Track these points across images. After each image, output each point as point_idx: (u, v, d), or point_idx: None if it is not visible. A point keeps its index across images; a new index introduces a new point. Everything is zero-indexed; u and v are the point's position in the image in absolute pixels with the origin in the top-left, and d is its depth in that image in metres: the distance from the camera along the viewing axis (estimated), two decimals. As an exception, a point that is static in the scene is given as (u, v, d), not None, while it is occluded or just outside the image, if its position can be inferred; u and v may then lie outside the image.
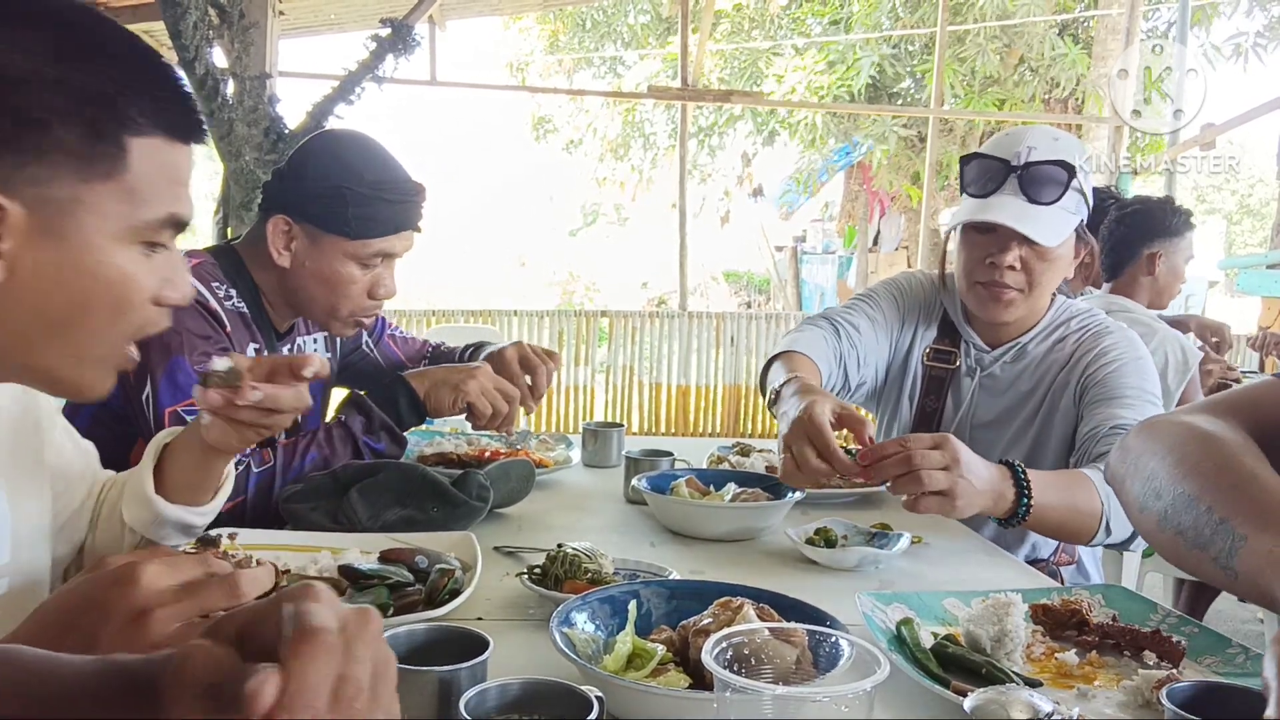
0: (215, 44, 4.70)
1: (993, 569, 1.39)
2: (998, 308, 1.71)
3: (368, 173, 1.53)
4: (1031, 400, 1.75)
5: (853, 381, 1.81)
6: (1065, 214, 1.66)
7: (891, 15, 11.77)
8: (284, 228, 1.53)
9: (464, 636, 0.86)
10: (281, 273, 1.57)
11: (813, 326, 1.81)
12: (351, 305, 1.58)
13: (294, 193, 1.52)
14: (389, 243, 1.56)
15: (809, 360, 1.69)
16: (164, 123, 0.80)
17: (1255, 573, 0.77)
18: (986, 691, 0.76)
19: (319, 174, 1.52)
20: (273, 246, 1.53)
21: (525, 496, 1.58)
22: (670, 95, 8.18)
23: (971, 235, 1.72)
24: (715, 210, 14.86)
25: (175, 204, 0.82)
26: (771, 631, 0.79)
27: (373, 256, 1.56)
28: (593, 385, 6.73)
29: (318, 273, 1.55)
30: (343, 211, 1.51)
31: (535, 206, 19.46)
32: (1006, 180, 1.66)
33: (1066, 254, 1.70)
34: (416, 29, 5.15)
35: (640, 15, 13.97)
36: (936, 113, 8.00)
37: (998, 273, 1.68)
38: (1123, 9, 7.87)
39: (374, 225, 1.53)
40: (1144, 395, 1.62)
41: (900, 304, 1.88)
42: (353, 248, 1.53)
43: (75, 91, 0.75)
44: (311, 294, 1.58)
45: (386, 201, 1.54)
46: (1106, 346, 1.70)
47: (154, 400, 1.39)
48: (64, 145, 0.74)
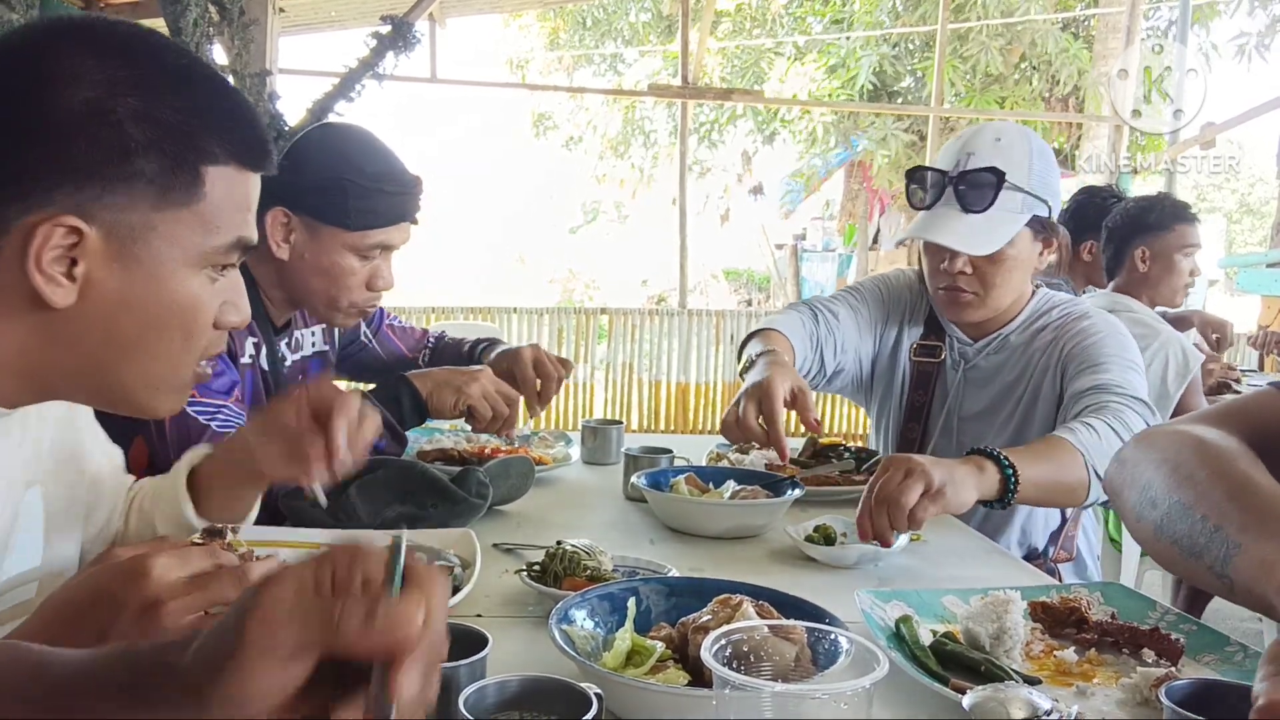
0: (215, 41, 4.70)
1: (991, 567, 1.39)
2: (956, 309, 1.78)
3: (367, 165, 1.54)
4: (1016, 390, 1.77)
5: (829, 367, 1.84)
6: (1004, 215, 1.68)
7: (892, 14, 11.77)
8: (283, 220, 1.54)
9: (463, 633, 0.86)
10: (280, 265, 1.57)
11: (794, 310, 1.87)
12: (351, 297, 1.59)
13: (292, 185, 1.52)
14: (388, 234, 1.57)
15: (784, 338, 1.73)
16: (238, 153, 0.82)
17: (1251, 580, 0.77)
18: (985, 689, 0.77)
19: (319, 166, 1.53)
20: (271, 239, 1.53)
21: (525, 493, 1.58)
22: (671, 93, 8.17)
23: (925, 244, 1.77)
24: (715, 208, 14.86)
25: (243, 228, 0.84)
26: (771, 629, 0.79)
27: (371, 248, 1.57)
28: (592, 382, 6.73)
29: (317, 264, 1.55)
30: (343, 203, 1.52)
31: (535, 204, 19.45)
32: (944, 191, 1.70)
33: (1019, 252, 1.72)
34: (417, 26, 5.15)
35: (641, 13, 13.96)
36: (937, 111, 8.00)
37: (951, 278, 1.73)
38: (1123, 8, 7.86)
39: (374, 217, 1.54)
40: (1122, 360, 1.65)
41: (885, 299, 1.93)
42: (352, 239, 1.54)
43: (158, 124, 0.77)
44: (311, 286, 1.58)
45: (386, 193, 1.55)
46: (1085, 326, 1.73)
47: None
48: (144, 174, 0.76)
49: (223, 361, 1.47)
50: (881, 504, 1.26)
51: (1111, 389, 1.56)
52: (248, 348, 1.57)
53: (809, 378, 1.80)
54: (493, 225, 19.56)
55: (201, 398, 1.38)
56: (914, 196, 1.77)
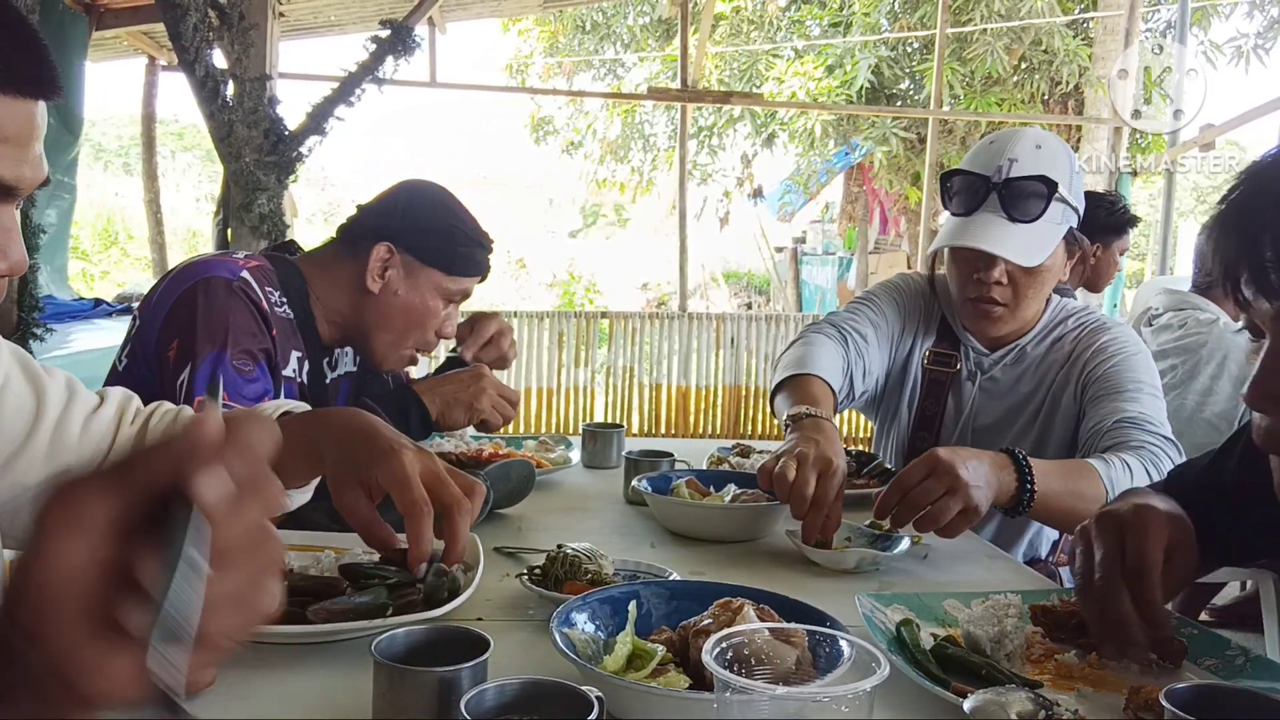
0: (215, 45, 4.71)
1: (992, 570, 1.39)
2: (986, 323, 1.74)
3: (468, 219, 1.68)
4: (1032, 402, 1.74)
5: (856, 390, 1.80)
6: (1049, 227, 1.64)
7: (890, 16, 11.78)
8: (385, 255, 1.61)
9: (464, 637, 0.86)
10: (362, 298, 1.63)
11: (823, 337, 1.79)
12: (423, 336, 1.68)
13: (403, 225, 1.62)
14: (471, 284, 1.70)
15: (824, 385, 1.67)
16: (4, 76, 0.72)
17: None
18: (986, 693, 0.77)
19: (430, 211, 1.65)
20: (370, 272, 1.60)
21: (525, 497, 1.58)
22: (670, 96, 8.18)
23: (959, 252, 1.71)
24: (715, 211, 14.86)
25: (3, 162, 0.73)
26: (771, 632, 0.79)
27: (456, 294, 1.69)
28: (592, 386, 6.72)
29: (408, 301, 1.64)
30: (450, 248, 1.64)
31: (535, 208, 19.47)
32: (987, 198, 1.64)
33: (1054, 264, 1.69)
34: (416, 31, 5.16)
35: (640, 17, 13.97)
36: (936, 114, 8.00)
37: (985, 289, 1.68)
38: (1122, 10, 7.86)
39: (470, 265, 1.68)
40: (1145, 388, 1.62)
41: (900, 307, 1.88)
42: (446, 282, 1.65)
43: None
44: (391, 322, 1.64)
45: (482, 247, 1.69)
46: (1105, 342, 1.70)
47: (189, 387, 1.42)
48: None
49: (260, 369, 1.48)
50: (912, 507, 1.27)
51: (1144, 426, 1.54)
52: (292, 361, 1.59)
53: (837, 403, 1.76)
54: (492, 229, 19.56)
55: (230, 401, 1.38)
56: (951, 201, 1.70)
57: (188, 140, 17.68)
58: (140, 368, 1.49)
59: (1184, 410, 2.78)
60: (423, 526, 0.98)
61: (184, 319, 1.45)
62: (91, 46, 5.72)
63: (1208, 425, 2.76)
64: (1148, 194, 13.40)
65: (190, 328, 1.44)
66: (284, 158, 4.88)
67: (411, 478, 0.99)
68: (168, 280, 1.52)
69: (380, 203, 1.68)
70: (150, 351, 1.48)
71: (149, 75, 6.77)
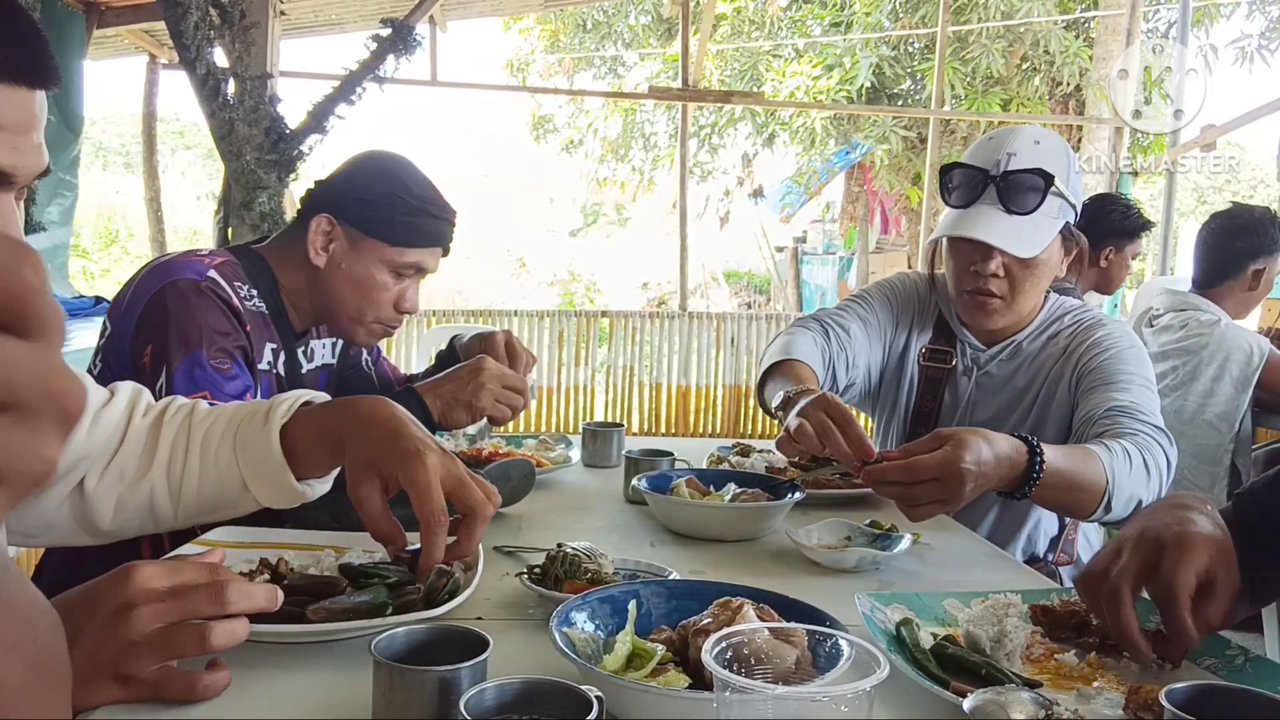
0: (216, 44, 4.71)
1: (992, 570, 1.39)
2: (983, 315, 1.75)
3: (415, 187, 1.60)
4: (1027, 396, 1.76)
5: (840, 383, 1.82)
6: (1046, 220, 1.66)
7: (891, 16, 11.77)
8: (326, 227, 1.58)
9: (464, 636, 0.85)
10: (313, 273, 1.60)
11: (803, 329, 1.82)
12: (378, 312, 1.63)
13: (342, 195, 1.57)
14: (423, 256, 1.63)
15: (809, 369, 1.70)
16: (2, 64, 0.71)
17: None
18: (986, 692, 0.77)
19: (370, 180, 1.58)
20: (311, 245, 1.57)
21: (525, 496, 1.58)
22: (671, 96, 8.18)
23: (956, 244, 1.73)
24: (716, 211, 14.86)
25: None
26: (771, 631, 0.79)
27: (406, 267, 1.62)
28: (593, 385, 6.72)
29: (352, 275, 1.59)
30: (390, 217, 1.57)
31: (535, 207, 19.46)
32: (985, 190, 1.66)
33: (1051, 258, 1.71)
34: (417, 29, 5.16)
35: (641, 16, 13.97)
36: (937, 114, 8.00)
37: (982, 281, 1.70)
38: (1123, 10, 7.86)
39: (416, 236, 1.60)
40: (1137, 380, 1.63)
41: (894, 305, 1.90)
42: (391, 254, 1.59)
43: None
44: (342, 297, 1.61)
45: (430, 216, 1.61)
46: (1100, 337, 1.71)
47: (167, 391, 1.39)
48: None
49: (238, 365, 1.47)
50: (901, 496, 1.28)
51: (1136, 415, 1.54)
52: (266, 353, 1.57)
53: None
54: (493, 228, 19.57)
55: (212, 400, 1.38)
56: (950, 194, 1.72)
57: (188, 138, 17.70)
58: (114, 374, 1.45)
59: (1185, 411, 2.78)
60: (438, 537, 0.98)
61: (155, 323, 1.43)
62: (92, 45, 5.72)
63: (1208, 426, 2.76)
64: (1148, 194, 13.40)
65: (162, 332, 1.42)
66: (285, 156, 4.88)
67: (433, 484, 0.99)
68: (135, 285, 1.49)
69: (331, 175, 1.64)
70: (125, 358, 1.46)
71: (150, 73, 6.77)
